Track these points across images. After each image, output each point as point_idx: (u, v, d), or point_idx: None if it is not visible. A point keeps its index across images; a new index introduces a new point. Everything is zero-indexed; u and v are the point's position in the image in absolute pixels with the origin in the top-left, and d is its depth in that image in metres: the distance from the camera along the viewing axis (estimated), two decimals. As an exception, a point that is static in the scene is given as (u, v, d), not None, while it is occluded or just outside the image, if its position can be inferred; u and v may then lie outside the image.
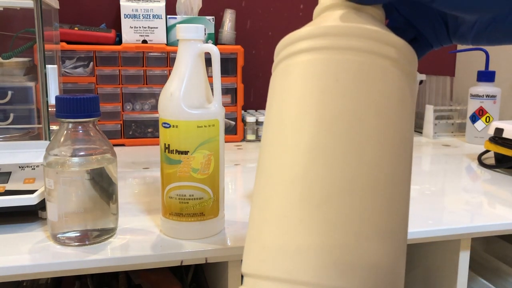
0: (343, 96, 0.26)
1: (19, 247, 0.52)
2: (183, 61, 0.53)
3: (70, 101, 0.52)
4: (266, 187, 0.26)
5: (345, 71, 0.26)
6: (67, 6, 1.17)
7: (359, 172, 0.24)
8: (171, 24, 1.10)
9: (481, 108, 1.17)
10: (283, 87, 0.28)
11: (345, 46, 0.27)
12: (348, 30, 0.27)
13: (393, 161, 0.26)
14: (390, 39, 0.27)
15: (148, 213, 0.64)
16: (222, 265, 0.59)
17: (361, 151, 0.25)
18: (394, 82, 0.27)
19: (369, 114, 0.25)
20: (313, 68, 0.27)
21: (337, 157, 0.24)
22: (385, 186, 0.25)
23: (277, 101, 0.28)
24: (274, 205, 0.25)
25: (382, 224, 0.24)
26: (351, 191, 0.24)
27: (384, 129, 0.26)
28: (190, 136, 0.53)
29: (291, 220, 0.24)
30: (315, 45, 0.28)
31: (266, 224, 0.25)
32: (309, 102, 0.26)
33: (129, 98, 1.09)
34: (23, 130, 0.82)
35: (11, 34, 0.87)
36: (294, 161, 0.25)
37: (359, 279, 0.23)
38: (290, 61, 0.28)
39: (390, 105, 0.26)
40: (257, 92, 1.37)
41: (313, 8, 0.33)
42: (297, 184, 0.25)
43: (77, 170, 0.52)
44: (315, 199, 0.24)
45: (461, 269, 0.65)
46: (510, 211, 0.67)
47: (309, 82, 0.27)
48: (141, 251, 0.52)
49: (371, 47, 0.27)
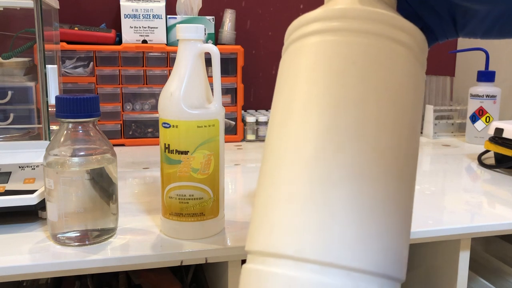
0: (360, 79, 0.25)
1: (19, 247, 0.52)
2: (183, 61, 0.53)
3: (70, 101, 0.52)
4: (275, 169, 0.26)
5: (361, 54, 0.26)
6: (67, 6, 1.17)
7: (371, 157, 0.24)
8: (171, 24, 1.10)
9: (481, 108, 1.17)
10: (297, 67, 0.27)
11: (361, 29, 0.26)
12: (365, 13, 0.27)
13: (405, 148, 0.26)
14: (406, 26, 0.27)
15: (148, 213, 0.64)
16: (222, 265, 0.59)
17: (375, 136, 0.25)
18: (410, 69, 0.27)
19: (385, 100, 0.25)
20: (328, 49, 0.26)
21: (351, 141, 0.24)
22: (396, 171, 0.25)
23: (288, 81, 0.28)
24: (284, 186, 0.25)
25: (391, 206, 0.25)
26: (363, 175, 0.24)
27: (398, 115, 0.26)
28: (190, 136, 0.53)
29: (302, 201, 0.24)
30: (329, 27, 0.27)
31: (276, 204, 0.25)
32: (323, 84, 0.26)
33: (129, 98, 1.09)
34: (23, 130, 0.82)
35: (11, 34, 0.87)
36: (305, 143, 0.25)
37: (368, 258, 0.24)
38: (302, 43, 0.28)
39: (406, 92, 0.26)
40: (257, 92, 1.37)
41: (313, 8, 0.33)
42: (309, 166, 0.25)
43: (77, 170, 0.52)
44: (327, 181, 0.24)
45: (461, 269, 0.65)
46: (510, 211, 0.67)
47: (325, 63, 0.26)
48: (141, 251, 0.52)
49: (388, 32, 0.26)
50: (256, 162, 0.97)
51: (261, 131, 1.17)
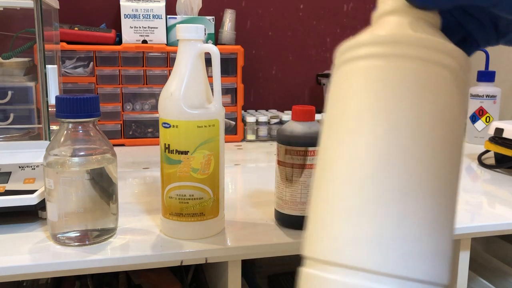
0: (410, 103, 0.28)
1: (19, 247, 0.52)
2: (183, 61, 0.53)
3: (70, 101, 0.52)
4: (332, 184, 0.29)
5: (411, 79, 0.28)
6: (67, 6, 1.17)
7: (423, 177, 0.27)
8: (171, 24, 1.10)
9: (481, 108, 1.17)
10: (349, 89, 0.29)
11: (410, 55, 0.28)
12: (413, 39, 0.29)
13: (453, 165, 0.29)
14: (451, 50, 0.29)
15: (148, 213, 0.64)
16: (222, 265, 0.59)
17: (426, 157, 0.27)
18: (456, 90, 0.29)
19: (434, 123, 0.28)
20: (379, 74, 0.29)
21: (405, 161, 0.27)
22: (445, 188, 0.28)
23: (341, 102, 0.30)
24: (344, 201, 0.28)
25: (442, 219, 0.27)
26: (415, 194, 0.27)
27: (448, 135, 0.28)
28: (190, 136, 0.53)
29: (363, 215, 0.27)
30: (379, 52, 0.29)
31: (337, 217, 0.28)
32: (376, 107, 0.28)
33: (129, 98, 1.09)
34: (23, 130, 0.82)
35: (11, 34, 0.87)
36: (363, 162, 0.28)
37: (419, 268, 0.26)
38: (354, 65, 0.30)
39: (453, 112, 0.29)
40: (257, 92, 1.37)
41: (313, 8, 0.33)
42: (367, 184, 0.27)
43: (77, 170, 0.52)
44: (385, 198, 0.27)
45: (461, 269, 0.65)
46: (510, 211, 0.67)
47: (376, 87, 0.28)
48: (141, 251, 0.52)
49: (435, 57, 0.28)
50: (256, 162, 0.97)
51: (261, 131, 1.17)
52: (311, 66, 1.40)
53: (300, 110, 0.57)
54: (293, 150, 0.56)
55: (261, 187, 0.78)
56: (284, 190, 0.58)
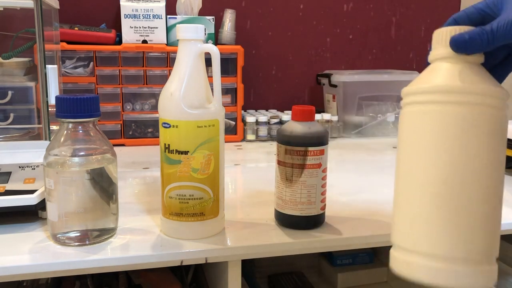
0: (468, 140, 0.38)
1: (19, 247, 0.52)
2: (183, 61, 0.53)
3: (70, 101, 0.52)
4: (411, 193, 0.40)
5: (464, 120, 0.38)
6: (67, 6, 1.17)
7: (479, 194, 0.38)
8: (171, 24, 1.10)
9: (481, 108, 1.16)
10: (418, 128, 0.40)
11: (461, 101, 0.38)
12: (463, 88, 0.38)
13: (499, 185, 0.40)
14: (498, 92, 0.39)
15: (148, 213, 0.64)
16: (222, 265, 0.59)
17: (482, 180, 0.38)
18: (502, 126, 0.39)
19: (486, 153, 0.38)
20: (445, 118, 0.38)
21: (465, 184, 0.38)
22: (495, 203, 0.39)
23: (411, 139, 0.41)
24: (422, 207, 0.39)
25: (494, 222, 0.40)
26: (474, 205, 0.38)
27: (496, 163, 0.39)
28: (190, 136, 0.53)
29: (436, 217, 0.39)
30: (437, 99, 0.39)
31: (418, 218, 0.40)
32: (442, 144, 0.38)
33: (129, 98, 1.09)
34: (23, 130, 0.82)
35: (11, 34, 0.87)
36: (430, 181, 0.39)
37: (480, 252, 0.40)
38: (419, 108, 0.40)
39: (499, 144, 0.39)
40: (257, 92, 1.37)
41: (312, 8, 0.33)
42: (439, 199, 0.39)
43: (77, 170, 0.52)
44: (452, 207, 0.38)
45: (461, 269, 0.65)
46: (510, 211, 0.67)
47: (442, 129, 0.39)
48: (141, 251, 0.52)
49: (486, 101, 0.38)
50: (256, 162, 0.97)
51: (261, 131, 1.17)
52: (311, 66, 1.40)
53: (300, 110, 0.57)
54: (293, 150, 0.56)
55: (261, 187, 0.78)
56: (284, 190, 0.58)
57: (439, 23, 1.56)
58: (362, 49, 1.43)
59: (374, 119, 1.22)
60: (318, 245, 0.57)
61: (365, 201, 0.71)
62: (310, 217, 0.58)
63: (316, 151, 0.56)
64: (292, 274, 0.89)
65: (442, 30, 0.41)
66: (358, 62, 1.44)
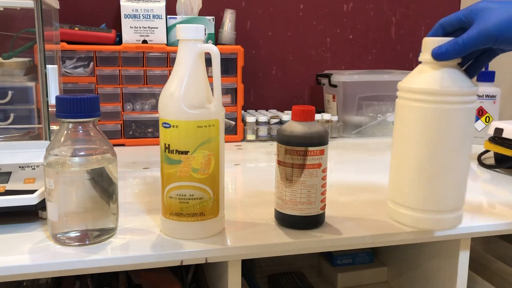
0: (443, 128, 0.53)
1: (19, 247, 0.52)
2: (183, 61, 0.53)
3: (70, 101, 0.52)
4: (402, 164, 0.56)
5: (444, 115, 0.52)
6: (67, 6, 1.17)
7: (449, 165, 0.54)
8: (171, 24, 1.10)
9: (481, 108, 1.17)
10: (408, 119, 0.54)
11: (442, 100, 0.52)
12: (442, 92, 0.52)
13: (465, 159, 0.55)
14: (466, 92, 0.52)
15: (148, 213, 0.64)
16: (222, 265, 0.59)
17: (452, 156, 0.54)
18: (469, 116, 0.53)
19: (455, 137, 0.53)
20: (429, 114, 0.53)
21: (439, 159, 0.54)
22: (461, 171, 0.55)
23: (403, 125, 0.56)
24: (409, 175, 0.56)
25: (459, 184, 0.56)
26: (445, 173, 0.54)
27: (463, 144, 0.54)
28: (190, 136, 0.53)
29: (418, 182, 0.55)
30: (424, 99, 0.53)
31: (406, 182, 0.56)
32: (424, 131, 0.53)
33: (129, 98, 1.09)
34: (23, 130, 0.83)
35: (11, 34, 0.87)
36: (417, 158, 0.54)
37: (448, 205, 0.56)
38: (410, 103, 0.54)
39: (466, 130, 0.53)
40: (257, 92, 1.37)
41: (312, 8, 0.33)
42: (421, 169, 0.54)
43: (77, 170, 0.52)
44: (430, 175, 0.54)
45: (461, 269, 0.65)
46: (510, 211, 0.67)
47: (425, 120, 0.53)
48: (141, 251, 0.52)
49: (457, 100, 0.52)
50: (256, 162, 0.97)
51: (261, 131, 1.17)
52: (311, 66, 1.40)
53: (300, 110, 0.57)
54: (293, 150, 0.56)
55: (261, 187, 0.78)
56: (284, 190, 0.58)
57: (439, 23, 1.52)
58: (362, 49, 1.43)
59: (374, 119, 1.22)
60: (318, 245, 0.57)
61: (365, 201, 0.71)
62: (310, 217, 0.58)
63: (316, 151, 0.56)
64: (292, 274, 0.89)
65: (429, 39, 0.53)
66: (358, 62, 1.44)
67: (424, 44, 0.53)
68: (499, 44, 0.50)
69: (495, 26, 0.48)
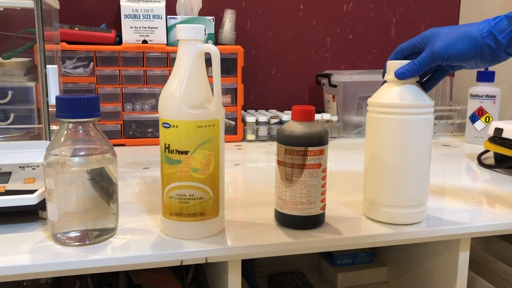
0: (407, 136, 0.60)
1: (19, 247, 0.52)
2: (183, 61, 0.53)
3: (70, 101, 0.52)
4: (375, 167, 0.62)
5: (407, 125, 0.60)
6: (67, 6, 1.17)
7: (414, 167, 0.61)
8: (171, 24, 1.10)
9: (481, 108, 1.17)
10: (377, 129, 0.61)
11: (404, 112, 0.59)
12: (403, 104, 0.59)
13: (427, 162, 0.62)
14: (424, 104, 0.60)
15: (148, 213, 0.64)
16: (222, 265, 0.59)
17: (415, 159, 0.60)
18: (428, 125, 0.61)
19: (418, 143, 0.60)
20: (393, 123, 0.60)
21: (406, 161, 0.60)
22: (423, 172, 0.62)
23: (374, 134, 0.62)
24: (381, 176, 0.61)
25: (422, 183, 0.62)
26: (411, 174, 0.61)
27: (424, 148, 0.61)
28: (190, 136, 0.53)
29: (390, 182, 0.61)
30: (391, 111, 0.60)
31: (379, 182, 0.62)
32: (392, 138, 0.60)
33: (129, 98, 1.09)
34: (23, 130, 0.83)
35: (11, 34, 0.87)
36: (389, 162, 0.61)
37: (416, 204, 0.62)
38: (380, 116, 0.61)
39: (427, 136, 0.61)
40: (257, 92, 1.37)
41: (312, 8, 0.33)
42: (391, 171, 0.61)
43: (77, 170, 0.52)
44: (399, 176, 0.60)
45: (460, 269, 0.65)
46: (510, 211, 0.68)
47: (392, 129, 0.60)
48: (141, 251, 0.52)
49: (416, 111, 0.59)
50: (256, 162, 0.97)
51: (261, 131, 1.17)
52: (311, 66, 1.40)
53: (300, 110, 0.57)
54: (293, 150, 0.56)
55: (261, 187, 0.78)
56: (284, 190, 0.58)
57: (439, 23, 1.57)
58: (362, 49, 1.43)
59: (374, 119, 1.22)
60: (318, 245, 0.57)
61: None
62: (310, 217, 0.58)
63: (316, 151, 0.56)
64: (292, 274, 0.89)
65: (391, 62, 0.61)
66: (358, 62, 1.44)
67: (388, 66, 0.62)
68: (445, 61, 0.60)
69: (441, 48, 0.60)
